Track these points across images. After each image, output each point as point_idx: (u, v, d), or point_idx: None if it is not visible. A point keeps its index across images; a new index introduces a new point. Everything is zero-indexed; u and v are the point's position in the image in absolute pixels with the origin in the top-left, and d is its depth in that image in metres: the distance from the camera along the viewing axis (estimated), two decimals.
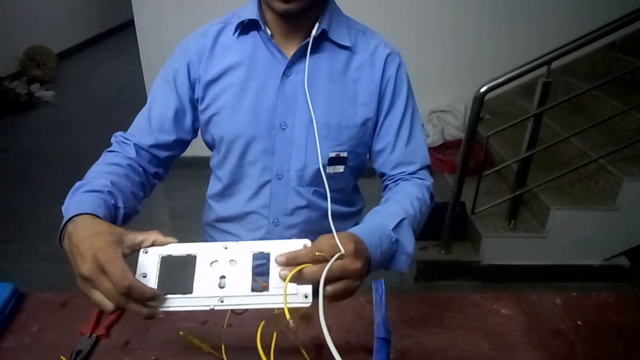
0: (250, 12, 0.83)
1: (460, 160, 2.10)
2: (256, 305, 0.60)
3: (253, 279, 0.61)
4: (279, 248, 0.62)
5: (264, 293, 0.61)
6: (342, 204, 0.97)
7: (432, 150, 2.99)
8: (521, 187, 2.20)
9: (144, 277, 0.60)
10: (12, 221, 2.71)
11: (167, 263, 0.62)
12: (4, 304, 0.81)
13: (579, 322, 0.86)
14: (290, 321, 0.56)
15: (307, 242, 0.63)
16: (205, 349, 0.76)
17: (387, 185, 0.93)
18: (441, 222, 2.24)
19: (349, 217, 1.00)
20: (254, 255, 0.63)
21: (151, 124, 0.87)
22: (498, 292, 0.92)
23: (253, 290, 0.61)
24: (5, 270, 2.26)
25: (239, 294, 0.60)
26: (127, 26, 6.23)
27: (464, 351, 0.79)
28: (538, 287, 2.31)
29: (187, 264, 0.62)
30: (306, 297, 0.60)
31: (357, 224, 1.01)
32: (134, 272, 0.59)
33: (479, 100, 1.98)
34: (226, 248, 0.64)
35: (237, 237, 0.97)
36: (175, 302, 0.59)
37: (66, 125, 4.04)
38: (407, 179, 0.90)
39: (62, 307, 0.86)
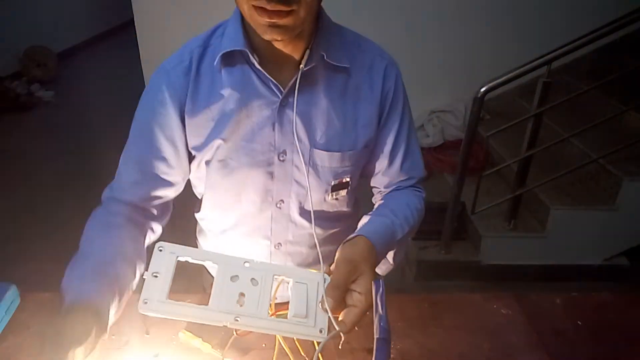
0: (234, 40, 0.72)
1: (460, 160, 2.10)
2: (272, 331, 0.59)
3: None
4: (300, 275, 0.63)
5: (282, 320, 0.60)
6: (343, 220, 0.95)
7: (432, 150, 2.99)
8: (521, 187, 2.20)
9: (155, 276, 0.58)
10: (12, 221, 2.71)
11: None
12: (4, 304, 0.81)
13: (579, 322, 0.86)
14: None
15: (327, 277, 0.64)
16: (205, 349, 0.76)
17: (378, 196, 0.92)
18: (441, 222, 2.24)
19: (347, 219, 1.00)
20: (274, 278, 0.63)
21: (144, 174, 0.79)
22: (498, 292, 0.92)
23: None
24: (5, 270, 2.26)
25: (256, 316, 0.58)
26: (127, 26, 6.22)
27: (464, 351, 0.79)
28: (538, 287, 2.31)
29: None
30: (321, 331, 0.60)
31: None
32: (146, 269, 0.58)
33: (479, 100, 1.98)
34: (246, 264, 0.62)
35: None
36: (190, 312, 0.57)
37: (66, 125, 4.04)
38: (403, 189, 0.89)
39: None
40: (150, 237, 0.83)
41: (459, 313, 0.87)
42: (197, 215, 0.96)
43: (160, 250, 0.60)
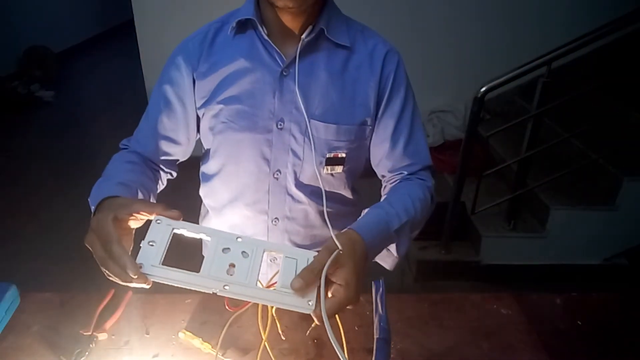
0: (247, 11, 0.82)
1: (460, 160, 2.10)
2: (260, 300, 0.61)
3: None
4: (289, 252, 0.65)
5: (270, 290, 0.62)
6: (340, 204, 0.96)
7: (432, 150, 2.99)
8: (521, 187, 2.20)
9: (151, 245, 0.60)
10: (12, 221, 2.71)
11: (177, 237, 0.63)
12: (4, 304, 0.81)
13: (579, 322, 0.86)
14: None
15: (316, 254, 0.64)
16: (205, 349, 0.76)
17: (386, 187, 0.92)
18: (441, 222, 2.24)
19: (348, 216, 1.00)
20: (264, 253, 0.64)
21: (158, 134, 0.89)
22: (498, 292, 0.92)
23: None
24: (5, 270, 2.26)
25: (245, 285, 0.60)
26: (127, 26, 6.22)
27: (464, 351, 0.79)
28: (538, 287, 2.31)
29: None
30: (309, 303, 0.61)
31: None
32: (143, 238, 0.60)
33: (479, 100, 1.98)
34: (239, 239, 0.64)
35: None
36: (181, 277, 0.59)
37: (66, 125, 4.04)
38: (408, 179, 0.89)
39: (62, 307, 0.86)
40: (158, 186, 0.92)
41: (459, 313, 0.87)
42: (200, 192, 1.01)
43: (158, 223, 0.63)
